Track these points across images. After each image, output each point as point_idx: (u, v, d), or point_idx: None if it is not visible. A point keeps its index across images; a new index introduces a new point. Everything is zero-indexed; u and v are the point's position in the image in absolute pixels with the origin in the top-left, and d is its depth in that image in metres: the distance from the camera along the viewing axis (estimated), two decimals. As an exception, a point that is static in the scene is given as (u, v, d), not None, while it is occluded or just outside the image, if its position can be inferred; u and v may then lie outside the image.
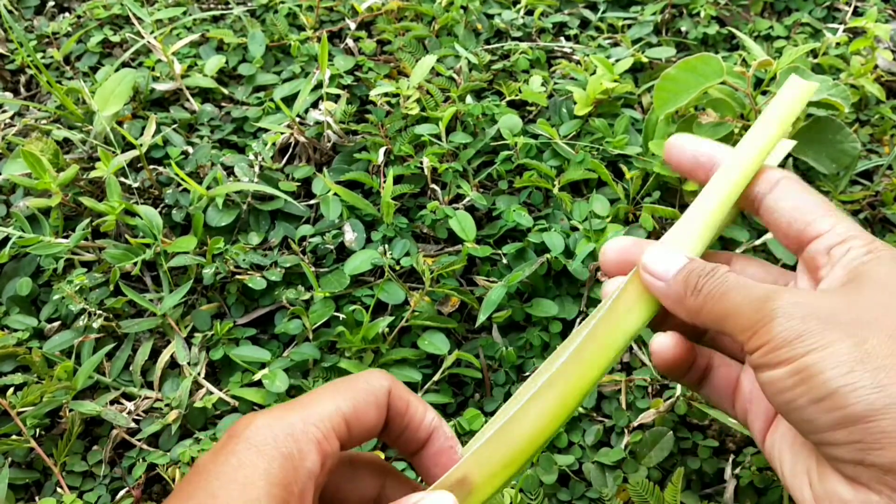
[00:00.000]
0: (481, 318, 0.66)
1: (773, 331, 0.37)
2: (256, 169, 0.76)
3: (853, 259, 0.40)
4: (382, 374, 0.39)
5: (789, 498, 0.56)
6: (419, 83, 0.80)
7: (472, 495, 0.40)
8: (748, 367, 0.46)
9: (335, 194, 0.73)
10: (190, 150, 0.81)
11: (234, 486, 0.32)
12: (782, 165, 0.49)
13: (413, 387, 0.65)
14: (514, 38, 0.92)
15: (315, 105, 0.83)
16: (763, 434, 0.44)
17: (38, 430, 0.61)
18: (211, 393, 0.65)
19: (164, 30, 0.92)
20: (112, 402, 0.65)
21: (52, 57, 0.92)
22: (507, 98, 0.83)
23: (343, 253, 0.72)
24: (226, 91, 0.88)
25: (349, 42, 0.91)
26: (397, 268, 0.69)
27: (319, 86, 0.81)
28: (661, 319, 0.47)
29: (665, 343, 0.46)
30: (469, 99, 0.83)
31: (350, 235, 0.72)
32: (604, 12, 0.96)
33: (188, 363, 0.66)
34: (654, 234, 0.71)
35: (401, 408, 0.39)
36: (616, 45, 0.92)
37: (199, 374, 0.66)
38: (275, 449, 0.33)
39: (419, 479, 0.47)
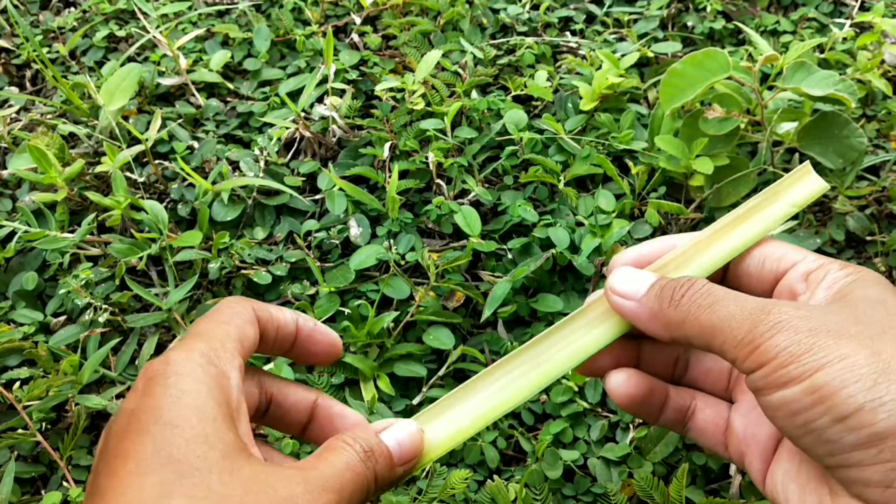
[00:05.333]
0: (486, 314, 0.66)
1: (778, 345, 0.34)
2: (262, 164, 0.76)
3: (834, 281, 0.38)
4: (241, 298, 0.41)
5: None
6: (424, 78, 0.79)
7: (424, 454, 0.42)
8: (738, 406, 0.44)
9: (340, 189, 0.73)
10: (195, 144, 0.81)
11: (189, 411, 0.33)
12: None
13: (418, 382, 0.65)
14: (519, 33, 0.92)
15: (320, 100, 0.83)
16: (763, 474, 0.41)
17: (44, 424, 0.62)
18: (216, 387, 0.65)
19: (169, 24, 0.92)
20: (118, 397, 0.65)
21: (57, 52, 0.92)
22: (513, 93, 0.83)
23: (348, 248, 0.72)
24: (231, 86, 0.88)
25: (354, 37, 0.91)
26: (402, 263, 0.69)
27: (325, 80, 0.81)
28: (630, 359, 0.45)
29: (619, 380, 0.43)
30: (474, 94, 0.83)
31: (355, 230, 0.72)
32: (609, 7, 0.96)
33: (194, 357, 0.66)
34: (660, 230, 0.71)
35: (266, 317, 0.41)
36: (622, 39, 0.91)
37: (204, 368, 0.66)
38: (203, 374, 0.35)
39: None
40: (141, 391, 0.34)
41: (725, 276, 0.44)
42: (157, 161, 0.78)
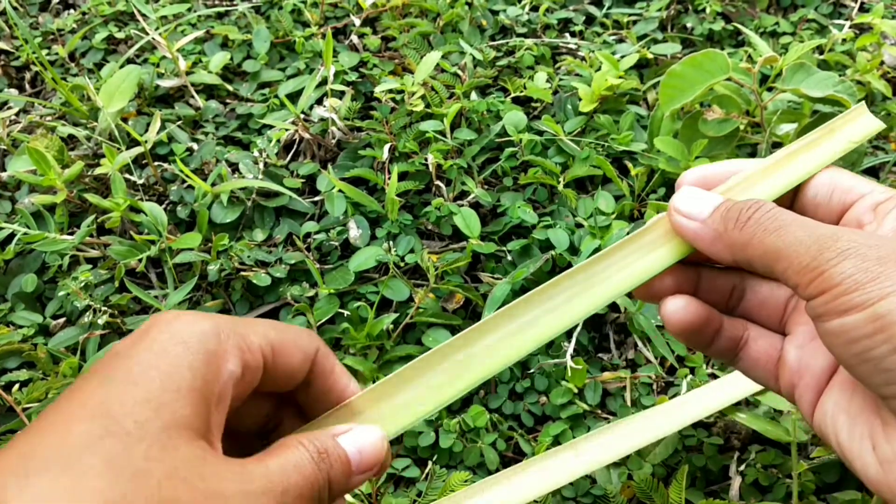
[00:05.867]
0: (486, 315, 0.66)
1: (844, 272, 0.33)
2: (261, 165, 0.76)
3: None
4: (314, 334, 0.39)
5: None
6: (424, 79, 0.79)
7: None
8: (793, 337, 0.43)
9: (340, 191, 0.73)
10: (195, 146, 0.81)
11: (157, 373, 0.31)
12: None
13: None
14: (519, 35, 0.92)
15: (320, 102, 0.83)
16: (812, 406, 0.40)
17: (43, 426, 0.62)
18: (216, 389, 0.65)
19: (168, 26, 0.92)
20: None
21: (57, 53, 0.92)
22: (512, 94, 0.83)
23: (348, 250, 0.72)
24: (230, 88, 0.88)
25: (354, 38, 0.91)
26: (402, 264, 0.69)
27: (324, 82, 0.81)
28: (687, 285, 0.44)
29: (677, 306, 0.42)
30: (474, 95, 0.83)
31: (355, 232, 0.72)
32: (609, 8, 0.96)
33: (193, 359, 0.66)
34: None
35: (327, 368, 0.39)
36: (621, 41, 0.91)
37: (203, 370, 0.66)
38: (200, 343, 0.32)
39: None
40: (136, 337, 0.33)
41: (793, 205, 0.44)
42: (156, 163, 0.78)
